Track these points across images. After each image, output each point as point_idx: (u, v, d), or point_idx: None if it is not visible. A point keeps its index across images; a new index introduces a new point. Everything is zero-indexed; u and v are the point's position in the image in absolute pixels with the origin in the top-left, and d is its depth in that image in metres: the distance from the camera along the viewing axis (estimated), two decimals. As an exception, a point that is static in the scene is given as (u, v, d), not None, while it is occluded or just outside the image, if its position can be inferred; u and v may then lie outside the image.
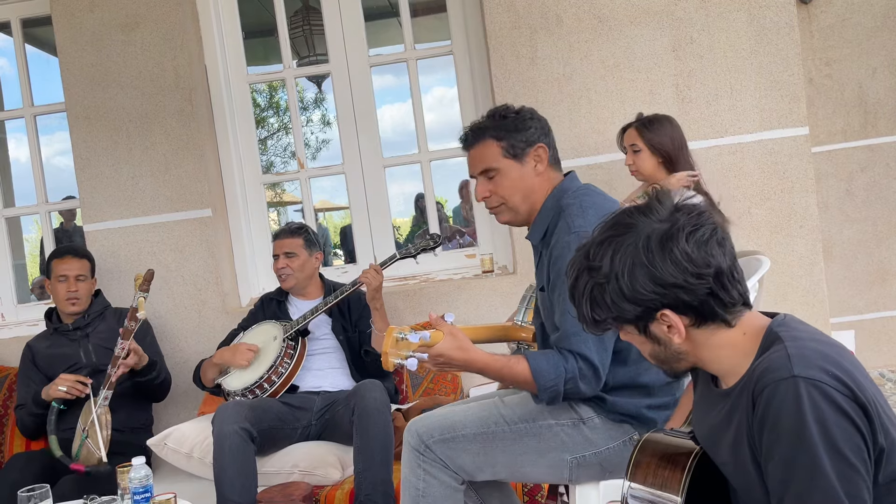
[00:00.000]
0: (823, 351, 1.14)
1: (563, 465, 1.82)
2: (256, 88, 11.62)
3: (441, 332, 1.70)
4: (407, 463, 1.85)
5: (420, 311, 3.23)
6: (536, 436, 1.81)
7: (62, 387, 2.74)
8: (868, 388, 1.11)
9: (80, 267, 2.99)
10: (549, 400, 1.74)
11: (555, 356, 1.74)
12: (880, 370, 4.12)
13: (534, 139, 1.87)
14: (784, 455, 1.09)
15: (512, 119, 1.87)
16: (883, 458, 1.10)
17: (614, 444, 1.81)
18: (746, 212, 3.13)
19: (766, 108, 3.12)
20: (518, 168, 1.87)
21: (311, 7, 5.02)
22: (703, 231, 1.18)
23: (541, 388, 1.72)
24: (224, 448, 2.45)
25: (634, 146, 2.74)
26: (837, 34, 4.05)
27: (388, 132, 17.38)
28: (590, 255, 1.23)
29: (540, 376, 1.71)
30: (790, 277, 3.13)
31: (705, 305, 1.18)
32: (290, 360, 2.77)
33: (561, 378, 1.71)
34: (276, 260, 2.93)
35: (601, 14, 3.14)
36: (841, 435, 1.07)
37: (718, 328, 1.21)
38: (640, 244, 1.18)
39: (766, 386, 1.11)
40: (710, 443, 1.30)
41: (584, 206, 1.79)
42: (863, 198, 4.10)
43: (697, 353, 1.24)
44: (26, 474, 2.58)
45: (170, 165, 3.31)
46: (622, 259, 1.19)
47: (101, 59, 3.31)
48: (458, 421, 1.84)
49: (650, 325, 1.22)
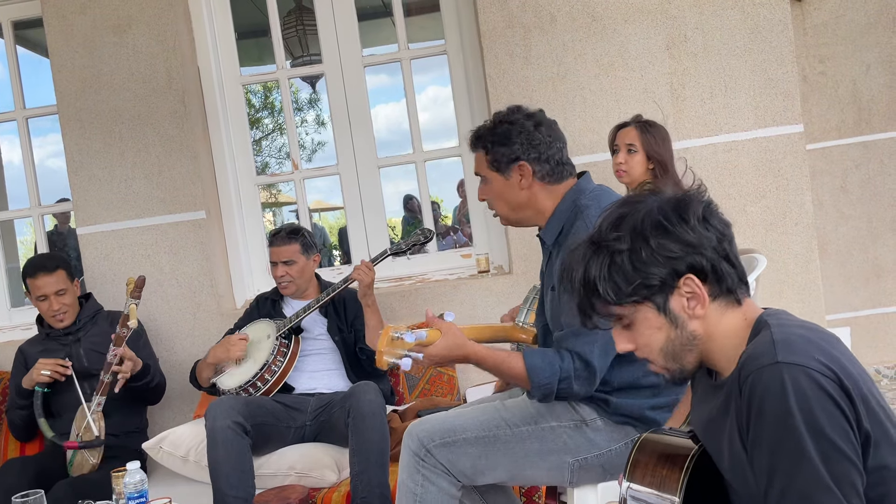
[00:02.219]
0: (808, 336, 1.14)
1: (565, 467, 1.81)
2: (251, 89, 11.59)
3: (438, 331, 1.71)
4: (406, 467, 1.83)
5: (416, 312, 3.22)
6: (538, 438, 1.80)
7: (45, 371, 2.73)
8: (854, 373, 1.10)
9: (56, 281, 2.87)
10: (541, 397, 1.74)
11: (551, 354, 1.73)
12: (876, 366, 4.13)
13: (515, 156, 1.84)
14: (769, 441, 1.09)
15: (501, 133, 1.85)
16: (870, 444, 1.09)
17: (616, 447, 1.80)
18: (742, 209, 3.13)
19: (761, 106, 3.12)
20: (502, 181, 1.87)
21: (305, 7, 5.01)
22: (709, 201, 1.23)
23: (534, 385, 1.72)
24: (218, 442, 2.43)
25: (632, 146, 2.68)
26: (831, 31, 4.06)
27: (383, 131, 17.37)
28: (602, 234, 1.23)
29: (534, 373, 1.71)
30: (786, 275, 3.13)
31: (723, 272, 1.19)
32: (284, 358, 2.76)
33: (556, 376, 1.71)
34: (275, 267, 2.91)
35: (595, 13, 3.13)
36: (826, 419, 1.06)
37: (729, 306, 1.21)
38: (655, 211, 1.20)
39: (751, 372, 1.11)
40: (708, 437, 1.29)
41: (603, 206, 1.77)
42: (857, 195, 4.10)
43: (708, 338, 1.22)
44: (21, 479, 2.56)
45: (163, 167, 3.30)
46: (642, 225, 1.20)
47: (94, 61, 3.30)
48: (459, 425, 1.83)
49: (671, 297, 1.20)
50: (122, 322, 2.73)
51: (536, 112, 1.90)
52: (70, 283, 2.94)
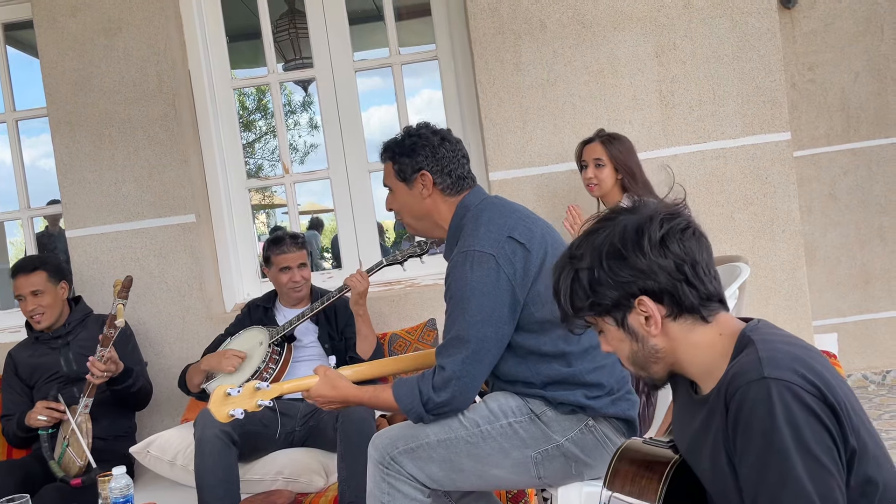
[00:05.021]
0: (793, 353, 1.15)
1: (528, 461, 1.84)
2: (244, 91, 11.58)
3: (316, 376, 1.89)
4: (371, 477, 1.85)
5: (405, 317, 3.23)
6: (498, 436, 1.83)
7: (41, 416, 2.72)
8: (838, 389, 1.12)
9: (33, 283, 2.87)
10: (416, 420, 1.83)
11: (415, 379, 1.82)
12: (863, 372, 4.15)
13: (420, 166, 1.94)
14: (756, 457, 1.10)
15: (407, 144, 1.96)
16: (855, 459, 1.11)
17: (572, 434, 1.83)
18: (729, 216, 3.15)
19: (749, 114, 3.14)
20: (406, 190, 1.98)
21: (297, 10, 5.01)
22: (677, 222, 1.24)
23: (404, 412, 1.82)
24: (205, 452, 2.43)
25: (599, 160, 2.79)
26: (820, 39, 4.09)
27: (376, 133, 17.39)
28: (572, 248, 1.29)
29: (400, 402, 1.81)
30: (773, 282, 3.15)
31: (681, 294, 1.21)
32: (276, 366, 2.76)
33: (416, 400, 1.79)
34: (288, 272, 2.88)
35: (585, 20, 3.15)
36: (812, 436, 1.07)
37: (695, 324, 1.23)
38: (616, 233, 1.24)
39: (738, 388, 1.12)
40: (690, 451, 1.30)
41: (479, 222, 1.87)
42: (846, 201, 4.14)
43: (675, 351, 1.24)
44: (8, 483, 2.56)
45: (153, 171, 3.30)
46: (600, 246, 1.24)
47: (84, 65, 3.29)
48: (419, 430, 1.84)
49: (628, 315, 1.24)
50: (110, 322, 2.72)
51: (443, 129, 2.00)
52: (52, 285, 2.92)
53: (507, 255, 1.80)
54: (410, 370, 2.09)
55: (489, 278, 1.78)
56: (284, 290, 2.92)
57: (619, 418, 1.87)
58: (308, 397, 1.90)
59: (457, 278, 1.81)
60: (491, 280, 1.78)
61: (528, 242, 1.84)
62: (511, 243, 1.82)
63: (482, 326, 1.77)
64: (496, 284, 1.78)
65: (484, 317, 1.77)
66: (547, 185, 3.19)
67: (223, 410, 1.82)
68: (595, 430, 1.84)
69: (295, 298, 2.93)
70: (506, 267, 1.79)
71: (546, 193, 3.19)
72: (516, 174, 3.19)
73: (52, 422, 2.72)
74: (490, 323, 1.78)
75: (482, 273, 1.78)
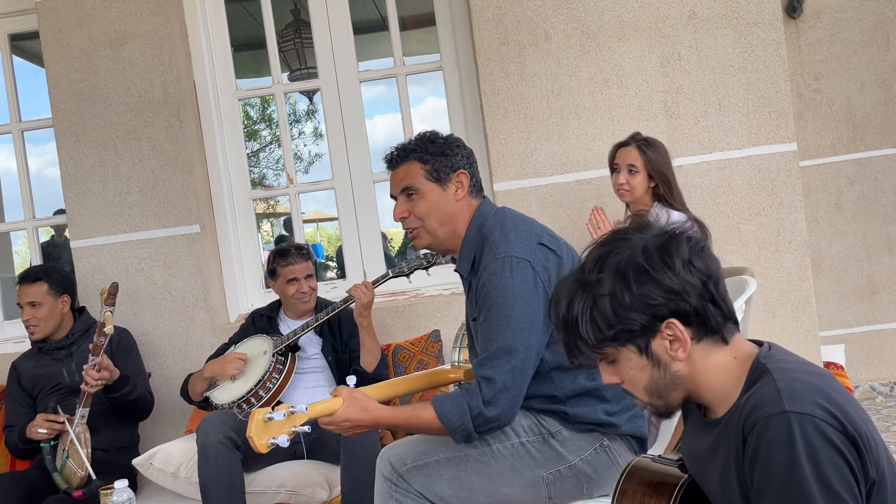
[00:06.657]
0: (812, 382, 1.12)
1: (540, 482, 1.80)
2: (249, 101, 11.60)
3: (340, 398, 1.69)
4: (379, 493, 1.82)
5: (409, 327, 3.22)
6: (509, 455, 1.80)
7: (41, 429, 2.70)
8: (858, 419, 1.10)
9: (32, 293, 2.86)
10: (463, 440, 1.72)
11: (459, 394, 1.71)
12: (871, 383, 4.12)
13: (458, 165, 1.89)
14: (776, 492, 1.08)
15: (440, 144, 1.90)
16: (874, 490, 1.09)
17: (586, 454, 1.80)
18: (735, 227, 3.13)
19: (754, 125, 3.13)
20: (438, 192, 1.88)
21: (302, 20, 5.03)
22: (696, 240, 1.20)
23: (451, 431, 1.69)
24: (209, 458, 2.42)
25: (633, 167, 2.67)
26: (826, 49, 4.08)
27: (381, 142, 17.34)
28: (585, 273, 1.21)
29: (445, 419, 1.68)
30: (779, 293, 3.13)
31: (708, 315, 1.17)
32: (279, 376, 2.75)
33: (466, 415, 1.68)
34: (295, 283, 2.87)
35: (589, 31, 3.15)
36: (833, 471, 1.06)
37: (715, 345, 1.20)
38: (638, 253, 1.18)
39: (758, 421, 1.10)
40: (697, 470, 1.29)
41: (506, 230, 1.81)
42: (852, 211, 4.11)
43: (694, 377, 1.20)
44: (10, 496, 2.55)
45: (158, 181, 3.30)
46: (623, 268, 1.17)
47: (89, 75, 3.30)
48: (430, 446, 1.81)
49: (653, 340, 1.18)
50: (99, 331, 2.70)
51: None
52: (51, 297, 2.89)
53: (541, 261, 1.76)
54: (427, 389, 2.05)
55: (528, 285, 1.72)
56: (292, 301, 2.91)
57: (634, 436, 1.85)
58: (330, 422, 1.69)
59: (497, 285, 1.72)
60: (530, 287, 1.72)
61: (558, 249, 1.81)
62: (542, 250, 1.78)
63: (527, 335, 1.70)
64: (535, 291, 1.72)
65: (528, 324, 1.70)
66: (551, 196, 3.18)
67: (263, 440, 1.61)
68: (609, 451, 1.81)
69: (302, 309, 2.92)
70: (542, 273, 1.74)
71: (550, 204, 3.18)
72: (521, 185, 3.18)
73: (52, 434, 2.71)
74: (533, 331, 1.71)
75: (522, 279, 1.72)
